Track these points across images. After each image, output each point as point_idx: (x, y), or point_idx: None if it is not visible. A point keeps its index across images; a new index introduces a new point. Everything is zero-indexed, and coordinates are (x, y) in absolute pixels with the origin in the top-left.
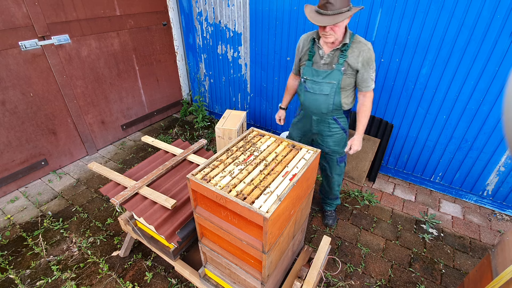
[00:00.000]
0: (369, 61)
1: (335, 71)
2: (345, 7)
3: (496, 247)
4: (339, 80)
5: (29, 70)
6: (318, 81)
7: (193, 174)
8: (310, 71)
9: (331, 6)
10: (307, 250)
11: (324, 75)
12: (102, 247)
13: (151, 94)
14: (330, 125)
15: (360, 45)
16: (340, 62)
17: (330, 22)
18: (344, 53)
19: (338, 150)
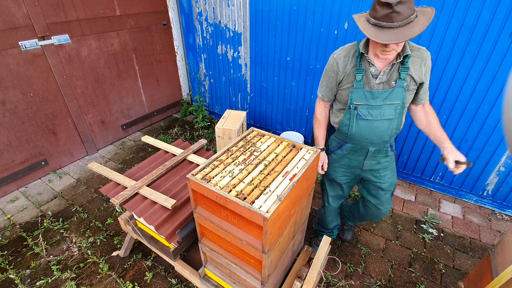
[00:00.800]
0: (430, 67)
1: (397, 89)
2: (412, 14)
3: (496, 247)
4: (403, 99)
5: (29, 70)
6: (377, 105)
7: (193, 174)
8: (363, 94)
9: (398, 16)
10: (307, 250)
11: (384, 96)
12: (102, 247)
13: (151, 94)
14: (387, 153)
15: (421, 53)
16: (402, 77)
17: (403, 37)
18: (405, 66)
19: (394, 181)
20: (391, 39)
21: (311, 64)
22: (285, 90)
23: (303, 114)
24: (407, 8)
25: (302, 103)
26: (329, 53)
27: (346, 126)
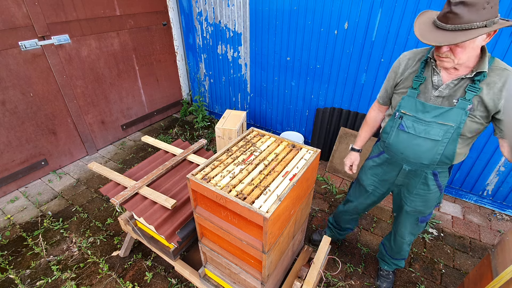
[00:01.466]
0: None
1: (456, 110)
2: (479, 21)
3: (496, 247)
4: (460, 123)
5: (29, 70)
6: (426, 120)
7: (193, 174)
8: (414, 104)
9: (454, 18)
10: (307, 250)
11: (437, 112)
12: (102, 247)
13: (151, 94)
14: (428, 181)
15: (507, 74)
16: (468, 98)
17: (443, 41)
18: (475, 85)
19: (424, 210)
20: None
21: (311, 64)
22: (285, 90)
23: (303, 114)
24: (472, 12)
25: (302, 103)
26: (329, 53)
27: (386, 134)
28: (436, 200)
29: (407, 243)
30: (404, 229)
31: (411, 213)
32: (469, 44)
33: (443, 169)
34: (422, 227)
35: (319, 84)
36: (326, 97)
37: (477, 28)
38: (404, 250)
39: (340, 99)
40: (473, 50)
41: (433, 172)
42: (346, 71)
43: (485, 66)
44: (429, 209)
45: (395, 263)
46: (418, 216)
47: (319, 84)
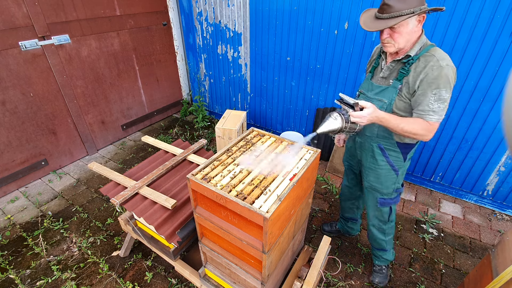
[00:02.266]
0: (433, 81)
1: (390, 88)
2: (407, 9)
3: (496, 247)
4: (391, 100)
5: (29, 70)
6: (370, 97)
7: (193, 174)
8: (367, 85)
9: (388, 8)
10: (307, 250)
11: (378, 90)
12: (102, 247)
13: (151, 94)
14: (375, 155)
15: (430, 59)
16: (399, 78)
17: (378, 26)
18: (406, 68)
19: (379, 188)
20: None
21: (311, 64)
22: (285, 90)
23: (303, 114)
24: (400, 2)
25: (302, 103)
26: (329, 53)
27: None
28: (391, 181)
29: (375, 228)
30: (369, 210)
31: (369, 190)
32: (403, 29)
33: (389, 145)
34: (385, 213)
35: (319, 84)
36: (326, 97)
37: (406, 14)
38: (377, 237)
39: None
40: (409, 35)
41: (378, 146)
42: (346, 71)
43: (413, 51)
44: (385, 189)
45: (380, 255)
46: (377, 196)
47: (319, 84)
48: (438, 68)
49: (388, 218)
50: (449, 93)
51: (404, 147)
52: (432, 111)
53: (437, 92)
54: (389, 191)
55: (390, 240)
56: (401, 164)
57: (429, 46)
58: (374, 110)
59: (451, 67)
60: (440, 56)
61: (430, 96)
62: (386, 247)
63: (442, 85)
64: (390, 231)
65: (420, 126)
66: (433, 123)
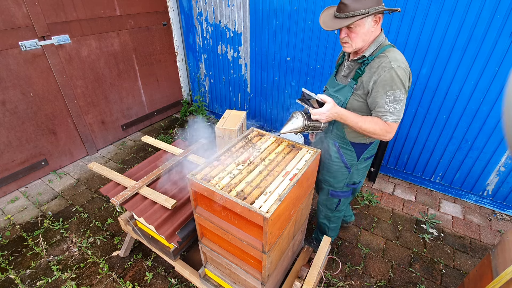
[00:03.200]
0: (386, 83)
1: (347, 87)
2: (363, 9)
3: (496, 247)
4: (346, 99)
5: (29, 70)
6: (330, 94)
7: (193, 174)
8: (331, 81)
9: (344, 7)
10: (307, 250)
11: (337, 88)
12: (102, 247)
13: (151, 94)
14: (330, 150)
15: (383, 61)
16: (354, 78)
17: (334, 26)
18: (361, 68)
19: (331, 182)
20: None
21: (311, 64)
22: (285, 90)
23: None
24: (355, 2)
25: None
26: (329, 53)
27: None
28: (343, 177)
29: (322, 214)
30: (320, 198)
31: (321, 181)
32: (359, 29)
33: (343, 144)
34: (333, 203)
35: (319, 84)
36: None
37: (361, 14)
38: (320, 221)
39: None
40: (365, 35)
41: (334, 143)
42: None
43: (368, 52)
44: (337, 183)
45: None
46: (329, 188)
47: (319, 84)
48: (389, 69)
49: (335, 208)
50: (403, 94)
51: (358, 146)
52: (389, 112)
53: (391, 93)
54: (340, 185)
55: (334, 228)
56: (353, 163)
57: (386, 46)
58: (333, 106)
59: (402, 68)
60: (393, 57)
61: (386, 97)
62: (328, 233)
63: (395, 86)
64: (335, 220)
65: (378, 126)
66: (391, 123)
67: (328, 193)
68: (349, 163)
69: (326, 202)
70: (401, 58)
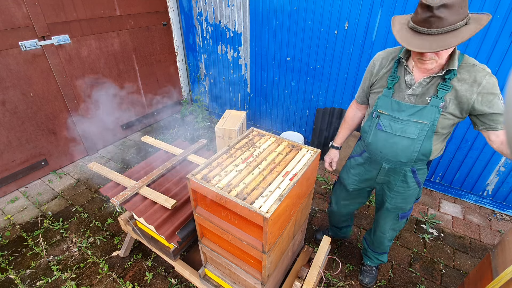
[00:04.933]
0: (493, 90)
1: (430, 108)
2: (460, 21)
3: (496, 247)
4: (434, 120)
5: (29, 70)
6: (401, 119)
7: (193, 174)
8: (390, 104)
9: (438, 21)
10: (307, 250)
11: (412, 111)
12: (102, 247)
13: (151, 94)
14: (407, 178)
15: (475, 70)
16: (440, 96)
17: (437, 47)
18: (447, 83)
19: (404, 207)
20: (423, 46)
21: (311, 64)
22: (285, 90)
23: (303, 114)
24: (453, 14)
25: (302, 103)
26: (329, 53)
27: (365, 133)
28: (415, 196)
29: (387, 239)
30: (385, 225)
31: (392, 210)
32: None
33: (421, 166)
34: (402, 223)
35: (319, 84)
36: (326, 97)
37: (461, 27)
38: (385, 245)
39: (340, 99)
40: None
41: (411, 169)
42: (346, 71)
43: (454, 64)
44: (409, 205)
45: (377, 257)
46: (399, 212)
47: (319, 84)
48: (489, 76)
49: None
50: None
51: (431, 162)
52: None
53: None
54: (411, 205)
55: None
56: (424, 179)
57: (460, 55)
58: None
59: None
60: (481, 65)
61: (499, 101)
62: (388, 250)
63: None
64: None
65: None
66: None
67: (398, 217)
68: (421, 180)
69: (394, 227)
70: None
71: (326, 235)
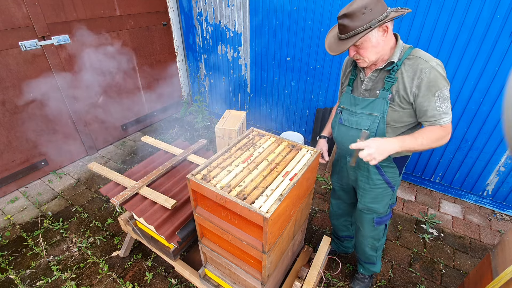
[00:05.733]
0: (432, 84)
1: (379, 100)
2: (363, 25)
3: (496, 247)
4: (383, 112)
5: (29, 70)
6: (356, 112)
7: (193, 174)
8: (349, 99)
9: (343, 29)
10: (307, 250)
11: (364, 104)
12: (102, 247)
13: (151, 94)
14: (371, 174)
15: (418, 62)
16: (386, 88)
17: (339, 49)
18: (392, 76)
19: (376, 208)
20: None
21: (311, 64)
22: (285, 90)
23: (303, 114)
24: (354, 21)
25: (302, 103)
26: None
27: (333, 129)
28: (387, 198)
29: (368, 246)
30: (364, 230)
31: (364, 212)
32: (367, 44)
33: (386, 163)
34: (381, 232)
35: (319, 84)
36: (326, 97)
37: (362, 31)
38: (367, 253)
39: None
40: (376, 48)
41: (377, 166)
42: None
43: (395, 57)
44: (382, 208)
45: (368, 267)
46: (373, 216)
47: (319, 84)
48: (430, 69)
49: (383, 235)
50: (448, 90)
51: (400, 161)
52: (443, 113)
53: (439, 93)
54: (385, 209)
55: (380, 254)
56: (396, 179)
57: (408, 49)
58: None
59: (440, 65)
60: (426, 57)
61: (435, 100)
62: (376, 262)
63: (441, 84)
64: (380, 246)
65: (437, 134)
66: (446, 125)
67: (373, 222)
68: (392, 181)
69: (372, 234)
70: (430, 55)
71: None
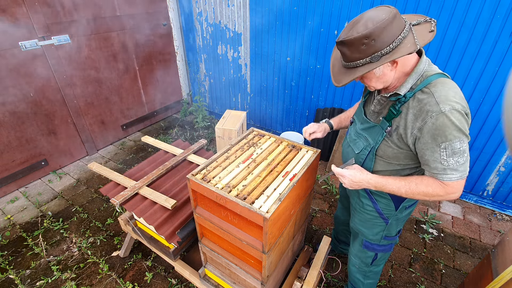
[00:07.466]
0: (438, 133)
1: (377, 128)
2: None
3: (496, 247)
4: (376, 143)
5: (29, 70)
6: (358, 131)
7: (193, 174)
8: (360, 112)
9: (344, 56)
10: (307, 250)
11: (365, 126)
12: (102, 247)
13: (151, 94)
14: (361, 198)
15: (428, 101)
16: (388, 119)
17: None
18: (396, 107)
19: (365, 233)
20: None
21: (311, 64)
22: (285, 90)
23: (303, 114)
24: (353, 51)
25: (302, 103)
26: (329, 53)
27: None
28: (379, 229)
29: (355, 267)
30: (352, 247)
31: (354, 230)
32: (370, 75)
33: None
34: (369, 257)
35: (319, 84)
36: (326, 97)
37: (363, 65)
38: (354, 275)
39: (340, 99)
40: (383, 78)
41: (366, 191)
42: None
43: (403, 88)
44: (371, 235)
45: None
46: (362, 238)
47: (319, 84)
48: (438, 114)
49: (372, 263)
50: (465, 142)
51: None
52: (448, 169)
53: (447, 145)
54: (377, 237)
55: (370, 285)
56: (391, 213)
57: (431, 77)
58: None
59: (458, 111)
60: (442, 96)
61: (440, 151)
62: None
63: (451, 135)
64: (372, 276)
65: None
66: (452, 183)
67: (362, 244)
68: (385, 213)
69: (359, 254)
70: (454, 94)
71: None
